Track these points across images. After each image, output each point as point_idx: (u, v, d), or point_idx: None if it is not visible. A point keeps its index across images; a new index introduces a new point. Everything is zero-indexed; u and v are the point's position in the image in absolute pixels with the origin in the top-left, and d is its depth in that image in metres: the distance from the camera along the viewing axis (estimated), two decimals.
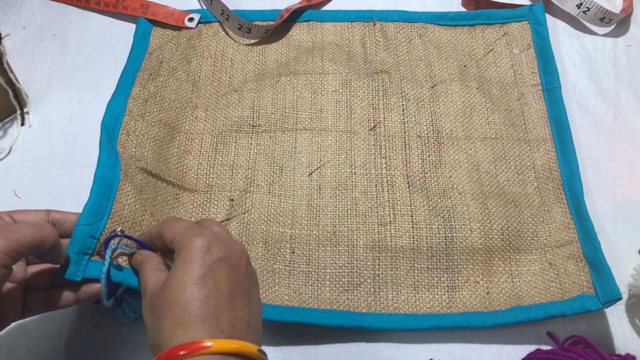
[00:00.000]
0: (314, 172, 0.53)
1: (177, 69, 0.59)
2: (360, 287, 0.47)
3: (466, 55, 0.60)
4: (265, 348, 0.45)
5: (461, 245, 0.48)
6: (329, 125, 0.55)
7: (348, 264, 0.48)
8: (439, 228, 0.49)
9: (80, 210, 0.43)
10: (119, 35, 0.65)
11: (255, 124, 0.56)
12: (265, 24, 0.62)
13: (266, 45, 0.62)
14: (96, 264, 0.42)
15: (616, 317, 0.47)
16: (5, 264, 0.33)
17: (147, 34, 0.62)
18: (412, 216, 0.50)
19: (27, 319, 0.47)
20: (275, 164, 0.53)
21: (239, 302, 0.35)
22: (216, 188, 0.52)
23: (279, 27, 0.62)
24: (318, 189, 0.52)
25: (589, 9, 0.62)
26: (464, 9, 0.65)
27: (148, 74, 0.57)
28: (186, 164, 0.53)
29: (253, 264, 0.47)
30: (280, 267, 0.48)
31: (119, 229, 0.43)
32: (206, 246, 0.35)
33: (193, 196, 0.52)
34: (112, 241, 0.41)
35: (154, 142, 0.53)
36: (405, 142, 0.54)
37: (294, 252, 0.49)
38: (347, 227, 0.50)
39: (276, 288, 0.47)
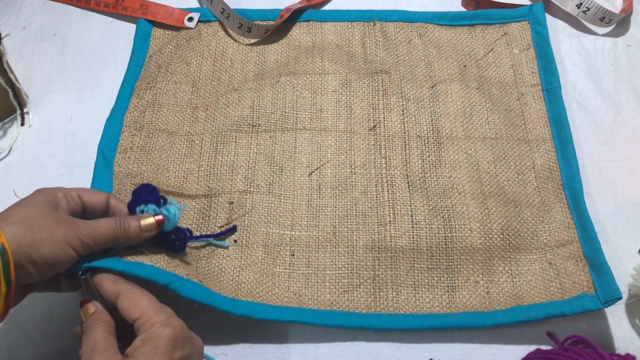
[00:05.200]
0: (314, 172, 0.53)
1: (176, 72, 0.59)
2: (360, 288, 0.47)
3: (466, 55, 0.60)
4: (265, 347, 0.46)
5: (461, 245, 0.48)
6: (329, 125, 0.55)
7: (348, 264, 0.48)
8: (438, 228, 0.49)
9: None
10: (119, 35, 0.64)
11: (255, 124, 0.55)
12: (265, 23, 0.62)
13: (266, 45, 0.62)
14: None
15: (616, 317, 0.47)
16: (78, 250, 0.37)
17: (147, 35, 0.62)
18: (412, 216, 0.50)
19: (27, 318, 0.47)
20: (275, 164, 0.53)
21: None
22: (216, 191, 0.52)
23: (279, 27, 0.62)
24: (318, 189, 0.52)
25: (588, 9, 0.62)
26: (464, 9, 0.65)
27: (146, 82, 0.57)
28: (187, 168, 0.53)
29: (252, 268, 0.48)
30: (280, 270, 0.48)
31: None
32: (174, 340, 0.35)
33: (193, 202, 0.51)
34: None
35: (153, 153, 0.53)
36: (405, 142, 0.54)
37: (293, 255, 0.49)
38: (347, 227, 0.50)
39: (276, 291, 0.47)
